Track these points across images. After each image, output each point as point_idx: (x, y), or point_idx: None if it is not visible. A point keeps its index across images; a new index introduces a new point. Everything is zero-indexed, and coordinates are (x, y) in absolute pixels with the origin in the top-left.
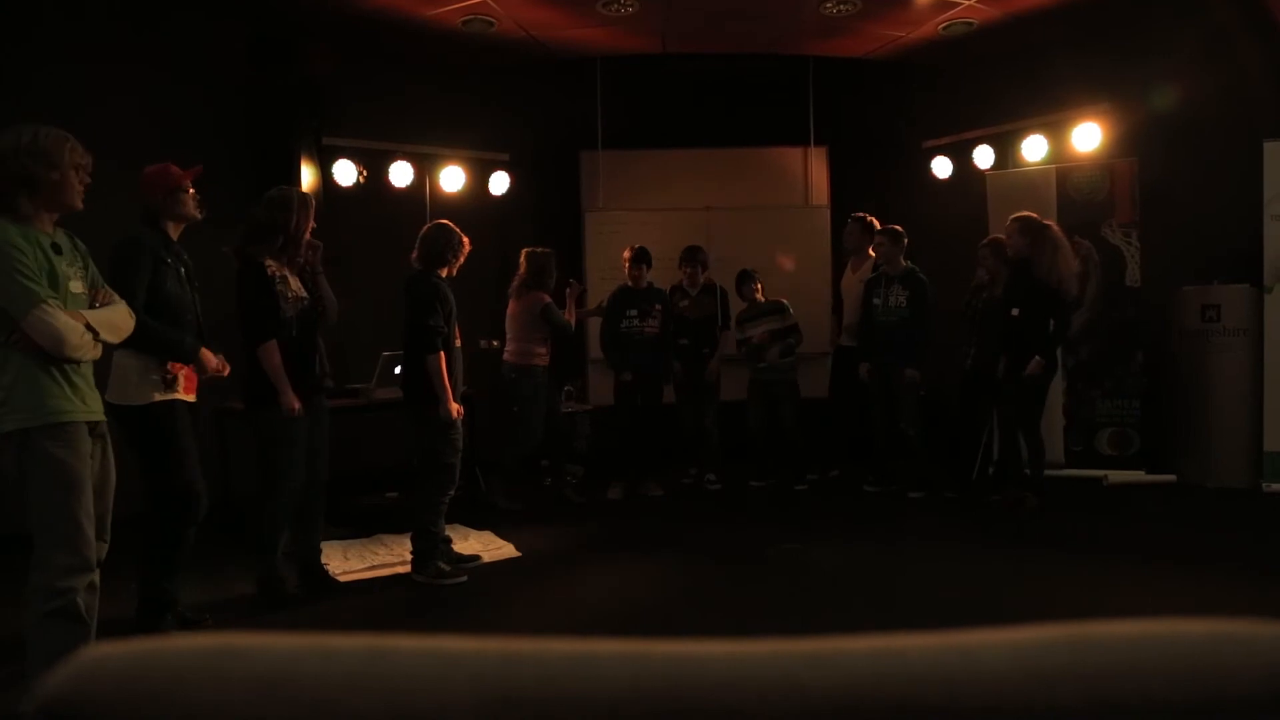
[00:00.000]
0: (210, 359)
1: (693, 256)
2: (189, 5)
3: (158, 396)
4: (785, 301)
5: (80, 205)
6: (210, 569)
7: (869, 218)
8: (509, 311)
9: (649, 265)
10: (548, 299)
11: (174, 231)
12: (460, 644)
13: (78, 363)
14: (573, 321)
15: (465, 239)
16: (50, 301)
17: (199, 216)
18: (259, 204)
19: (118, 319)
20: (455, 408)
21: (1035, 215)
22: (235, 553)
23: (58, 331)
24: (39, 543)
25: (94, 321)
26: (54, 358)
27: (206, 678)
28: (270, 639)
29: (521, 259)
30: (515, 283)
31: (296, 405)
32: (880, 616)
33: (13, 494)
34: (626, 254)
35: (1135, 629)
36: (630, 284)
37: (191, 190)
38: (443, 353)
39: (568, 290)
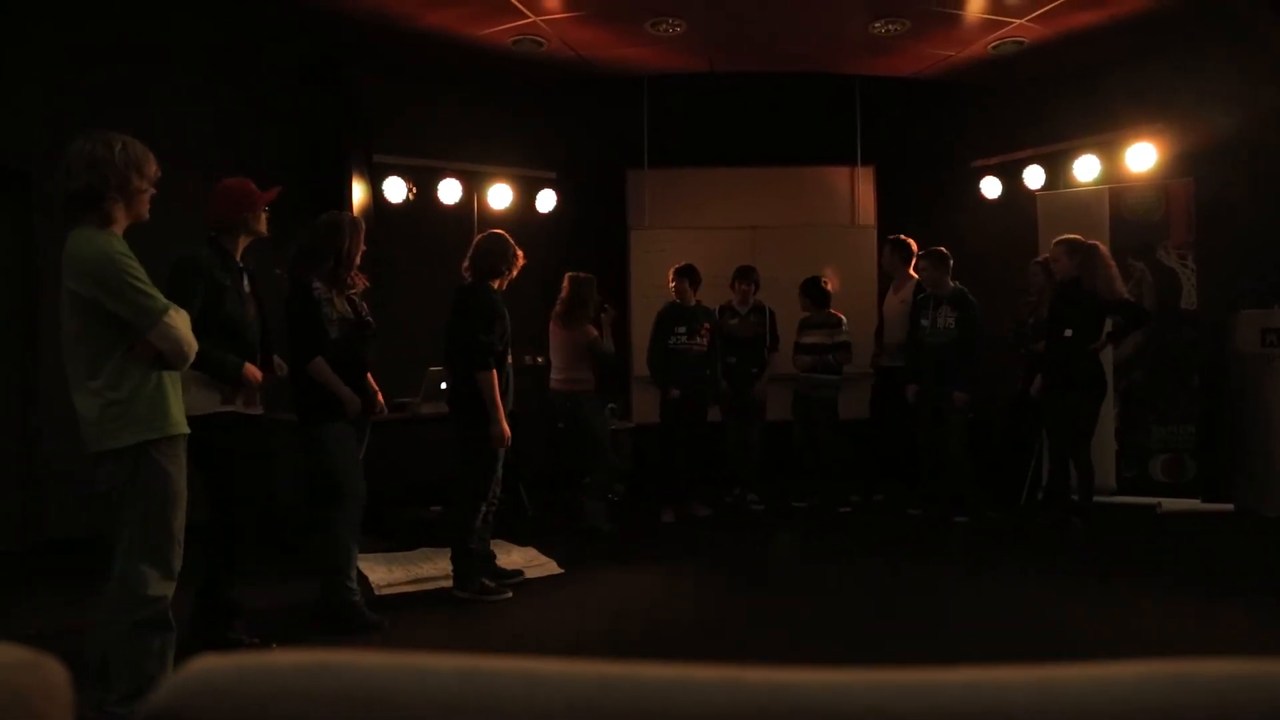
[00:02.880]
0: (255, 373)
1: (747, 275)
2: (243, 25)
3: (220, 408)
4: (842, 317)
5: (148, 218)
6: (257, 578)
7: (905, 240)
8: (554, 339)
9: (695, 282)
10: (595, 333)
11: (240, 246)
12: (553, 666)
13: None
14: (612, 348)
15: (519, 251)
16: (173, 309)
17: (267, 235)
18: (310, 228)
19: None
20: (506, 429)
21: (1080, 237)
22: (279, 563)
23: (184, 339)
24: (131, 552)
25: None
26: (166, 367)
27: (308, 694)
28: (363, 657)
29: (565, 283)
30: (559, 308)
31: (358, 404)
32: (931, 644)
33: (97, 502)
34: (671, 271)
35: (1236, 668)
36: (678, 300)
37: (266, 211)
38: (494, 371)
39: (603, 316)
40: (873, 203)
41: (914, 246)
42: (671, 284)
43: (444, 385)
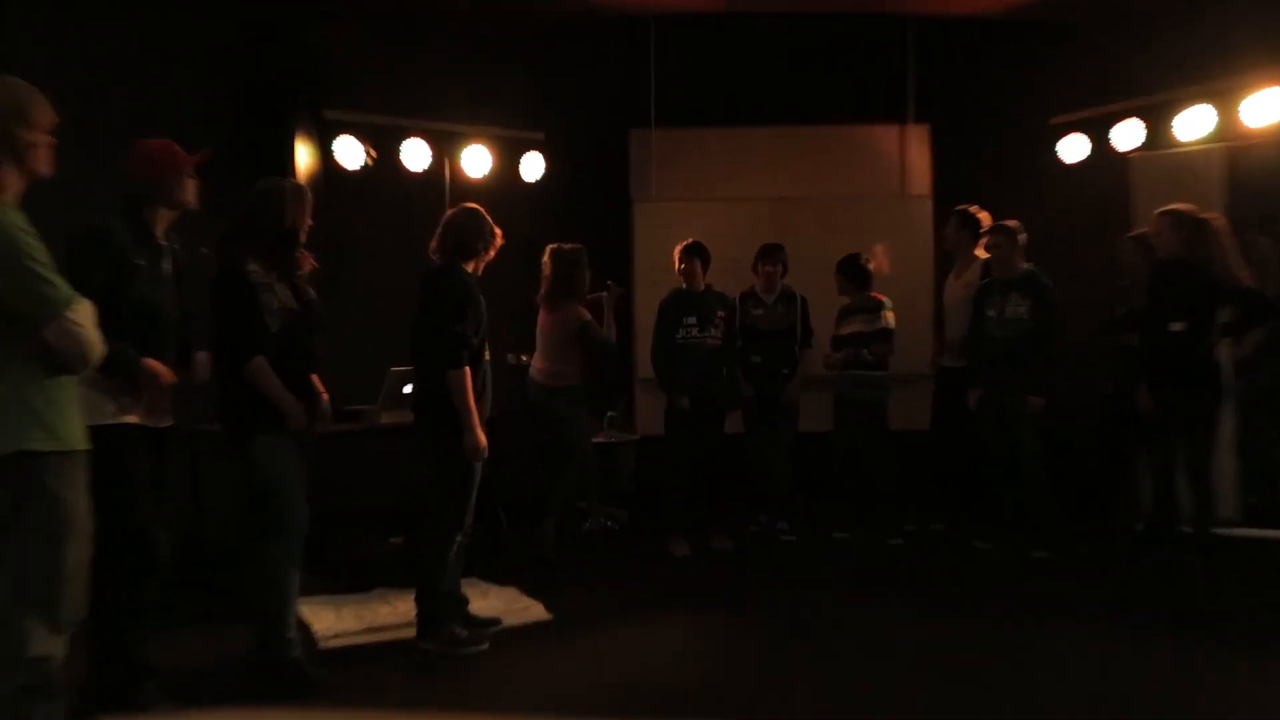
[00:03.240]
0: (163, 372)
1: (773, 255)
2: None
3: (113, 419)
4: (885, 300)
5: (51, 172)
6: (175, 628)
7: (974, 211)
8: (540, 324)
9: (705, 262)
10: (587, 316)
11: (162, 221)
12: None
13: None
14: (614, 335)
15: (497, 229)
16: (78, 301)
17: (195, 206)
18: (246, 198)
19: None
20: (481, 439)
21: (1192, 208)
22: (203, 609)
23: (88, 340)
24: (8, 600)
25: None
26: (60, 371)
27: None
28: None
29: (546, 259)
30: (543, 289)
31: (302, 414)
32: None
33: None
34: (678, 249)
35: None
36: (686, 285)
37: (193, 177)
38: (468, 368)
39: (604, 295)
40: (927, 168)
41: (985, 221)
42: (679, 265)
43: (408, 388)
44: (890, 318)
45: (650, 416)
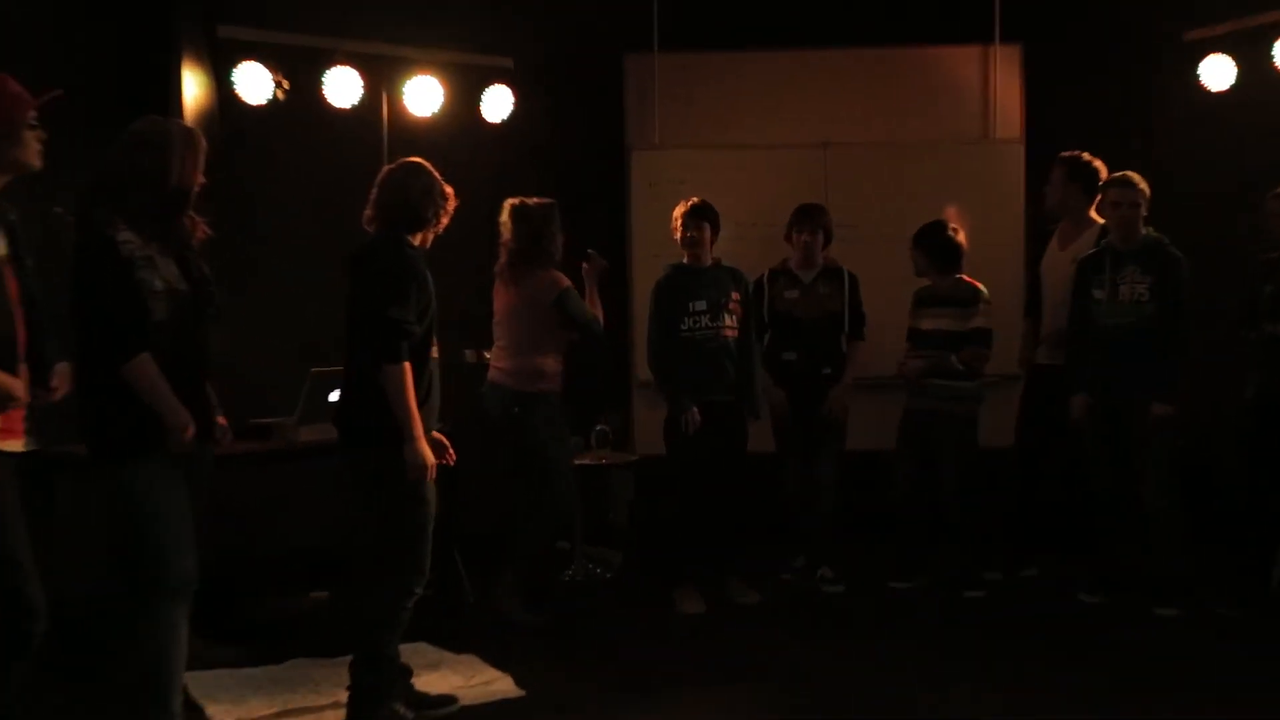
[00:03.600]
0: (12, 386)
1: (812, 219)
2: None
3: None
4: (982, 290)
5: None
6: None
7: (1088, 161)
8: (498, 306)
9: (715, 229)
10: (565, 281)
11: None
12: None
13: None
14: (600, 314)
15: (449, 189)
16: None
17: (38, 166)
18: (116, 146)
19: None
20: (427, 452)
21: None
22: (64, 683)
23: None
24: None
25: None
26: None
27: None
28: None
29: (505, 216)
30: (503, 258)
31: (191, 428)
32: None
33: None
34: (679, 211)
35: None
36: (690, 259)
37: (36, 127)
38: (409, 365)
39: (584, 267)
40: (1018, 104)
41: (1104, 173)
42: (682, 232)
43: (335, 395)
44: (988, 314)
45: (652, 431)
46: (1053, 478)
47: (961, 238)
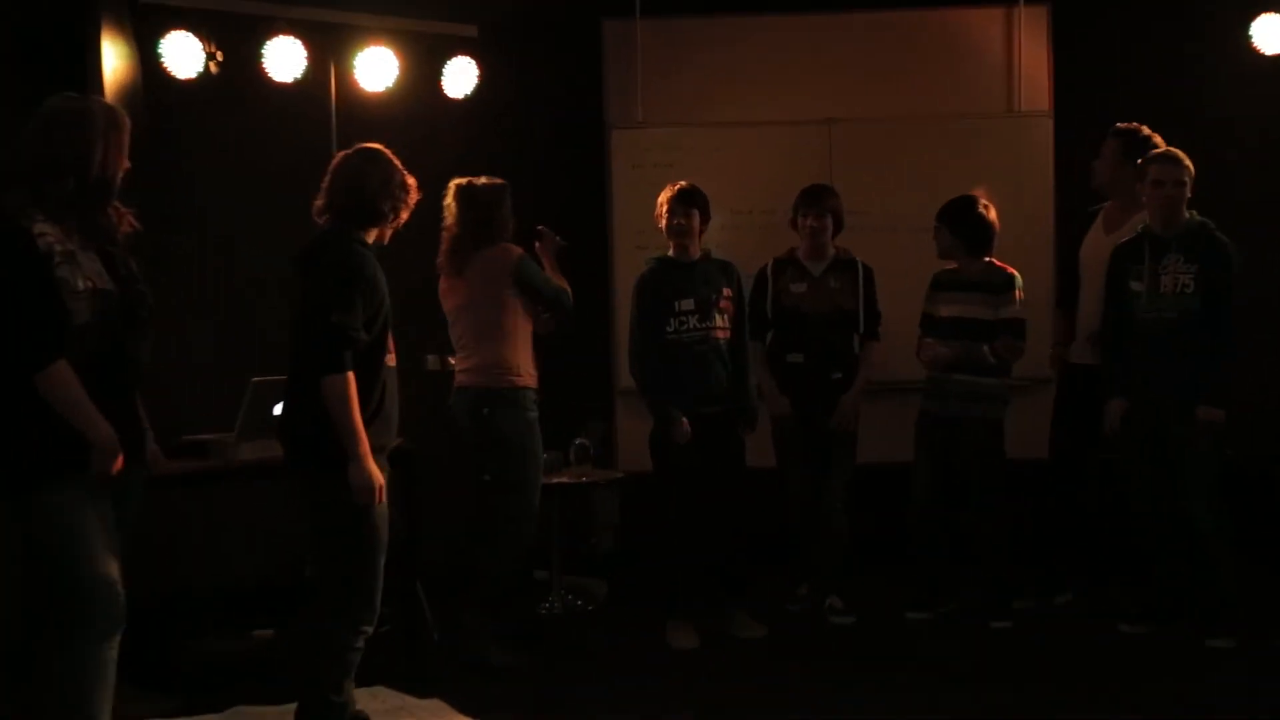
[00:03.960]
0: None
1: (821, 202)
2: None
3: None
4: (1015, 275)
5: None
6: None
7: (1147, 134)
8: (447, 299)
9: (705, 217)
10: (518, 250)
11: None
12: None
13: None
14: (566, 286)
15: (411, 180)
16: None
17: None
18: (27, 130)
19: None
20: (375, 472)
21: None
22: None
23: None
24: None
25: None
26: None
27: None
28: None
29: (449, 199)
30: (445, 244)
31: (116, 447)
32: None
33: None
34: (664, 196)
35: None
36: (676, 251)
37: None
38: (354, 375)
39: (537, 247)
40: (1046, 71)
41: (1159, 143)
42: (668, 219)
43: (279, 408)
44: (1022, 301)
45: (638, 444)
46: (1090, 492)
47: (994, 216)
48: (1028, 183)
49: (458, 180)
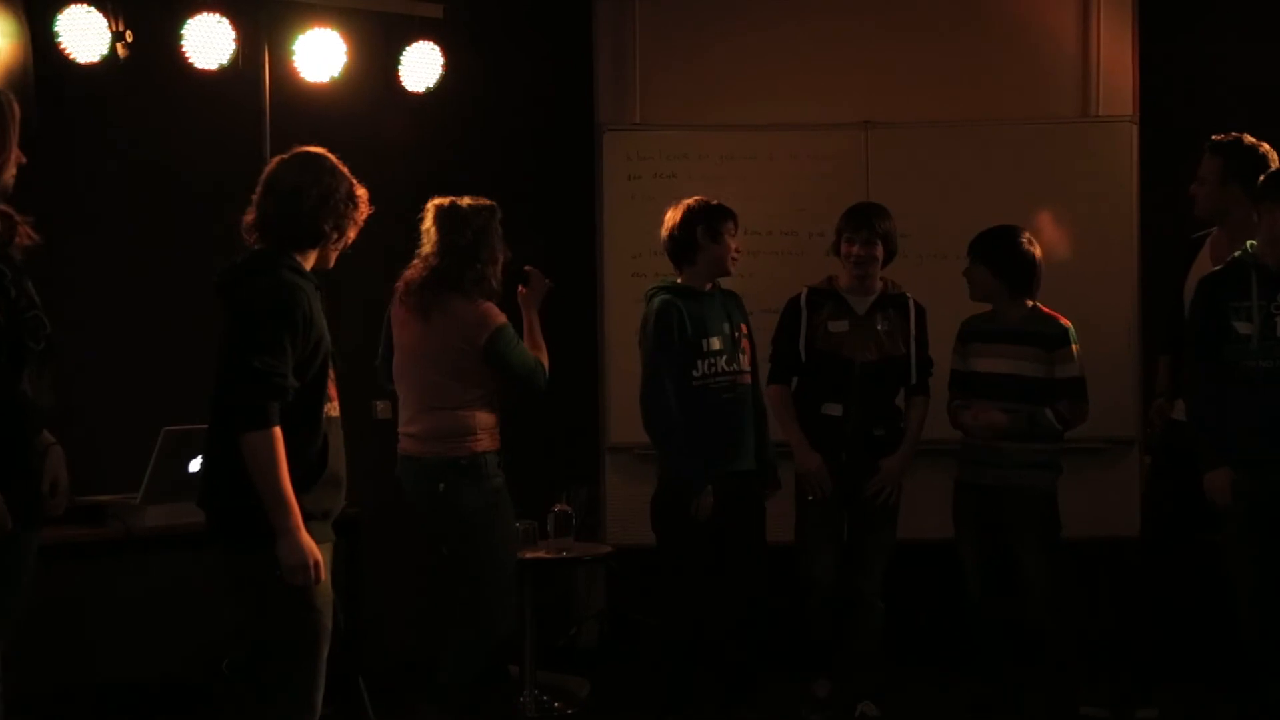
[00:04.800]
0: None
1: (869, 224)
2: None
3: None
4: (1067, 325)
5: None
6: None
7: (1252, 144)
8: (398, 340)
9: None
10: (499, 317)
11: None
12: None
13: None
14: (544, 357)
15: (362, 191)
16: None
17: None
18: None
19: None
20: (310, 546)
21: None
22: None
23: None
24: None
25: None
26: None
27: None
28: None
29: (428, 222)
30: (416, 274)
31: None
32: None
33: None
34: (675, 214)
35: None
36: (681, 279)
37: None
38: (278, 430)
39: (521, 291)
40: (1129, 67)
41: (1274, 161)
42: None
43: (196, 464)
44: (1079, 356)
45: (630, 511)
46: (1186, 582)
47: (1039, 252)
48: (1106, 201)
49: (438, 200)
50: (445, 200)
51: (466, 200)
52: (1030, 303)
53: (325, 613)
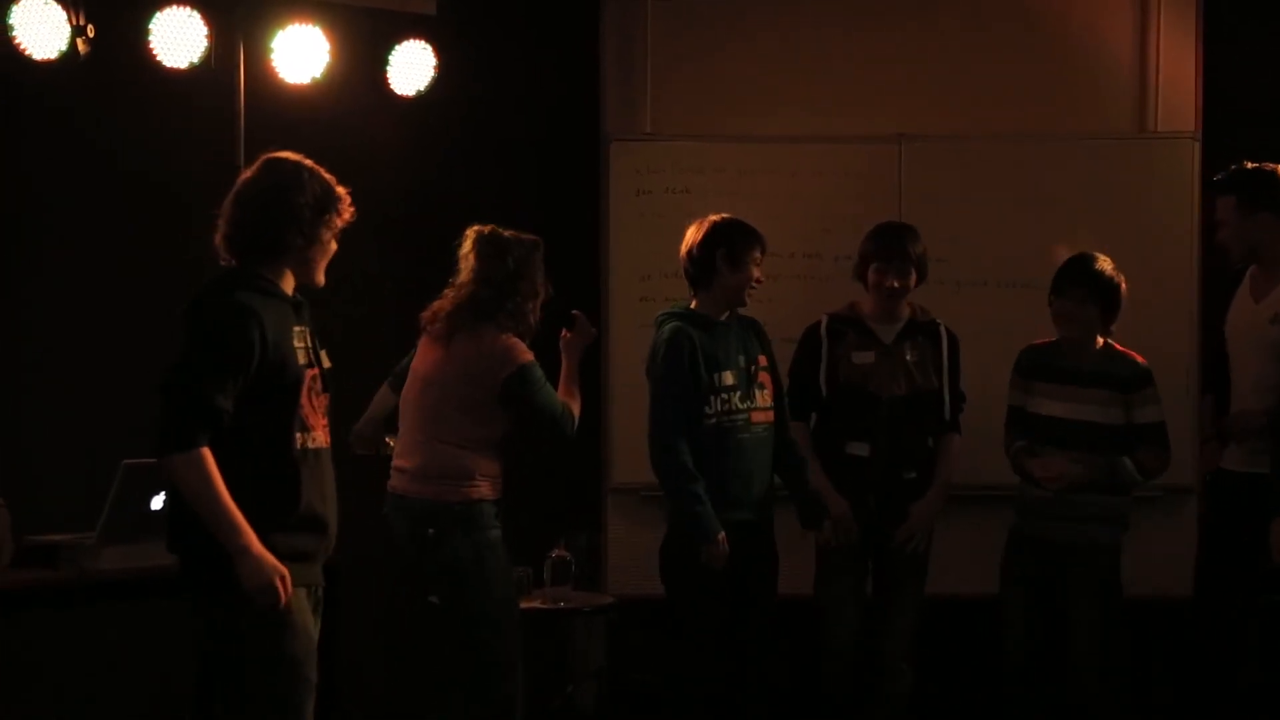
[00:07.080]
0: None
1: (899, 248)
2: None
3: None
4: (1145, 365)
5: None
6: None
7: (1273, 170)
8: (417, 366)
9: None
10: (525, 354)
11: None
12: None
13: None
14: (577, 407)
15: (341, 189)
16: None
17: None
18: None
19: None
20: (272, 562)
21: None
22: None
23: None
24: None
25: None
26: None
27: None
28: None
29: (467, 248)
30: (446, 302)
31: None
32: None
33: None
34: (697, 232)
35: None
36: (694, 304)
37: None
38: (206, 451)
39: (564, 336)
40: (1192, 79)
41: None
42: (692, 255)
43: (159, 501)
44: (1157, 397)
45: (634, 559)
46: (1244, 644)
47: (1122, 280)
48: (1163, 225)
49: (478, 227)
50: (486, 227)
51: (512, 233)
52: (1102, 340)
53: (309, 665)
